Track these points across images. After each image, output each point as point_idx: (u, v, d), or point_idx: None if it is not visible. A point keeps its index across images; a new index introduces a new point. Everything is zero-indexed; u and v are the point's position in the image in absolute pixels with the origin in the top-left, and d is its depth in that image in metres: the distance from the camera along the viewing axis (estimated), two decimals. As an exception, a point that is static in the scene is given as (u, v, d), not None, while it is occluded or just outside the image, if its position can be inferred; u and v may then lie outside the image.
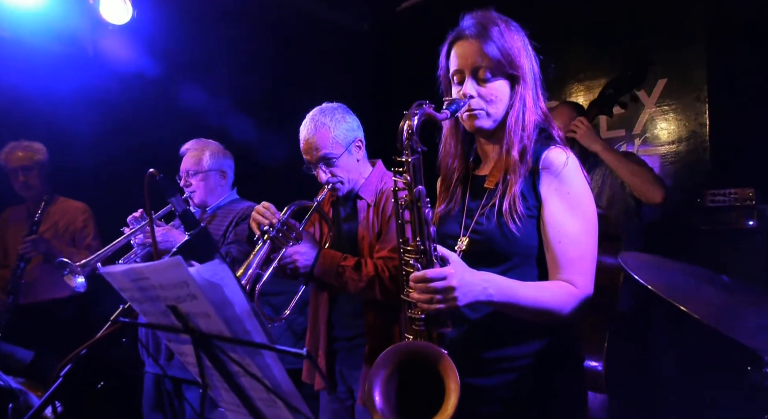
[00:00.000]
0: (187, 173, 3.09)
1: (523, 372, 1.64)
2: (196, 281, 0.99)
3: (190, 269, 0.99)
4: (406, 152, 1.51)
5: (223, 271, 1.00)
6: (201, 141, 3.20)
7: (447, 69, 1.78)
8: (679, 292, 1.39)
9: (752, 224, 3.11)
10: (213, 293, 1.01)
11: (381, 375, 1.47)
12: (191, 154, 3.13)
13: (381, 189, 2.42)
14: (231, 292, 1.01)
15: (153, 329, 1.20)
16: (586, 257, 1.63)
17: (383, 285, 2.20)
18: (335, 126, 2.34)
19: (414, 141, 1.50)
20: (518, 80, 1.68)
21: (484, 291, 1.48)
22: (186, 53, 4.13)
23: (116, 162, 3.89)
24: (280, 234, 2.14)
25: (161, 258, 2.80)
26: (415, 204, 1.51)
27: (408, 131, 1.51)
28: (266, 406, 1.15)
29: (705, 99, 3.68)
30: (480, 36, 1.67)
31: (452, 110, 1.63)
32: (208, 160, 3.10)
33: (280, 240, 2.15)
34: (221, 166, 3.15)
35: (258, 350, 1.05)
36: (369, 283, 2.20)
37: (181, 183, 3.12)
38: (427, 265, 1.50)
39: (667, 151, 3.83)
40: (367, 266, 2.24)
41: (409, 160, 1.51)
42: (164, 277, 1.04)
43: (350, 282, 2.22)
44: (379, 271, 2.22)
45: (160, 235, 2.81)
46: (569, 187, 1.63)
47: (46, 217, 3.72)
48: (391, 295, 2.19)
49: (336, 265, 2.24)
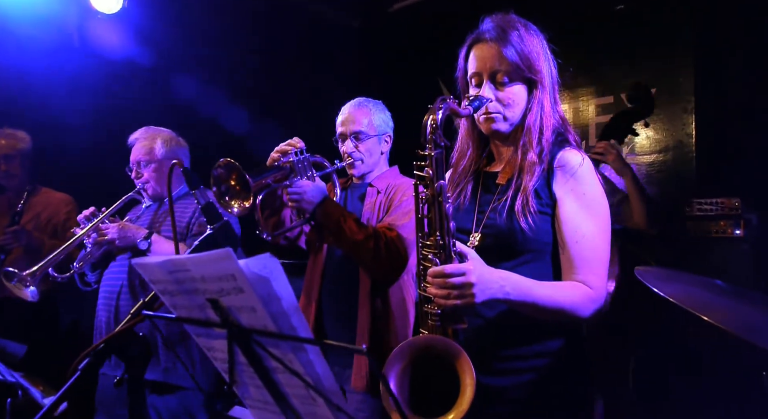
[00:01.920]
0: (138, 164, 2.95)
1: (534, 373, 1.66)
2: (245, 274, 0.97)
3: (240, 262, 0.96)
4: (429, 146, 1.51)
5: (272, 265, 0.98)
6: (151, 128, 3.05)
7: (465, 71, 1.79)
8: (698, 303, 1.42)
9: (739, 233, 3.19)
10: (261, 287, 0.98)
11: (396, 368, 1.47)
12: (141, 143, 2.98)
13: (392, 183, 2.52)
14: (279, 287, 0.99)
15: (183, 322, 1.16)
16: (601, 258, 1.65)
17: (378, 245, 2.25)
18: (376, 112, 2.57)
19: (438, 135, 1.51)
20: (536, 84, 1.70)
21: (501, 289, 1.49)
22: (175, 45, 4.07)
23: (103, 152, 3.80)
24: (300, 164, 2.21)
25: (116, 257, 2.75)
26: (436, 198, 1.51)
27: (432, 125, 1.51)
28: (302, 403, 1.13)
29: (692, 110, 3.77)
30: (499, 39, 1.68)
31: (475, 106, 1.64)
32: (160, 149, 2.96)
33: (299, 168, 2.22)
34: (176, 155, 3.00)
35: (302, 346, 1.03)
36: (365, 238, 2.25)
37: (131, 175, 2.98)
38: (446, 261, 1.50)
39: (654, 159, 3.91)
40: (368, 227, 2.31)
41: (432, 154, 1.51)
42: (209, 270, 1.02)
43: (348, 232, 2.26)
44: (378, 233, 2.28)
45: (116, 232, 2.71)
46: (585, 188, 1.65)
47: (28, 208, 3.61)
48: (381, 260, 2.26)
49: (339, 213, 2.30)
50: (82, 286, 2.89)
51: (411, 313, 2.48)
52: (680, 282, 1.65)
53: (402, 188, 2.47)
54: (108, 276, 2.86)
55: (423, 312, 1.57)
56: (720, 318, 1.36)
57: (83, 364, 1.28)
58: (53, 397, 1.47)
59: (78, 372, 1.26)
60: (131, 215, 3.06)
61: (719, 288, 1.68)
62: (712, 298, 1.55)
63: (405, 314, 2.43)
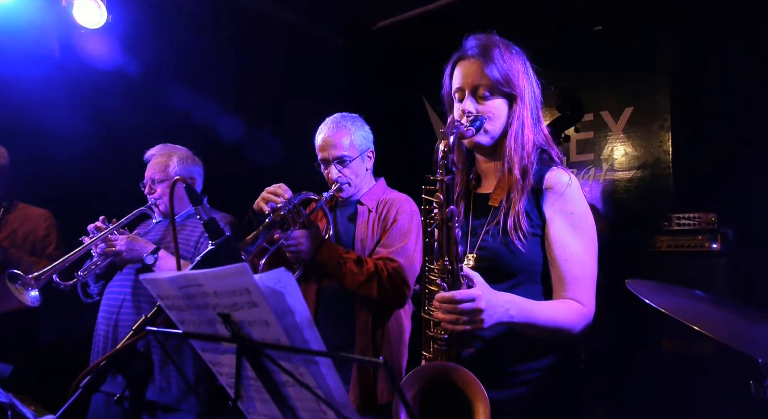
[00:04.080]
0: (152, 180, 2.95)
1: (531, 386, 1.69)
2: (260, 288, 0.97)
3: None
4: (440, 171, 1.52)
5: (286, 279, 0.99)
6: (167, 146, 3.06)
7: (451, 88, 1.83)
8: (690, 314, 1.46)
9: (716, 247, 3.28)
10: (275, 301, 0.99)
11: (407, 396, 1.45)
12: (157, 160, 2.99)
13: (382, 199, 2.51)
14: (293, 300, 1.00)
15: (190, 338, 1.16)
16: (590, 276, 1.69)
17: (381, 282, 2.26)
18: (355, 131, 2.49)
19: (450, 160, 1.52)
20: (516, 99, 1.74)
21: (506, 313, 1.52)
22: (159, 59, 4.04)
23: (84, 167, 3.75)
24: (290, 214, 2.19)
25: (122, 269, 2.73)
26: (446, 223, 1.52)
27: (444, 150, 1.52)
28: (311, 417, 1.14)
29: (668, 127, 3.89)
30: (481, 56, 1.73)
31: (477, 126, 1.67)
32: (175, 167, 2.96)
33: (290, 220, 2.19)
34: (190, 173, 3.02)
35: (314, 359, 1.04)
36: (368, 278, 2.26)
37: (145, 190, 2.98)
38: (453, 285, 1.52)
39: (633, 175, 4.01)
40: (367, 263, 2.30)
41: (444, 180, 1.52)
42: (222, 284, 1.02)
43: (349, 275, 2.26)
44: (379, 269, 2.28)
45: (124, 244, 2.69)
46: (573, 207, 1.70)
47: (4, 224, 3.51)
48: (386, 294, 2.28)
49: (338, 256, 2.29)
50: (84, 298, 2.84)
51: (406, 327, 2.49)
52: (669, 294, 1.69)
53: (394, 204, 2.47)
54: (110, 290, 2.83)
55: (428, 336, 1.58)
56: (711, 328, 1.40)
57: (84, 382, 1.26)
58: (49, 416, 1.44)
59: (80, 390, 1.24)
60: (140, 229, 3.03)
61: (706, 299, 1.73)
62: (702, 309, 1.60)
63: (400, 327, 2.44)
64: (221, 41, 4.18)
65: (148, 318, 1.35)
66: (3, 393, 1.51)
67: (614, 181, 4.04)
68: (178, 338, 2.53)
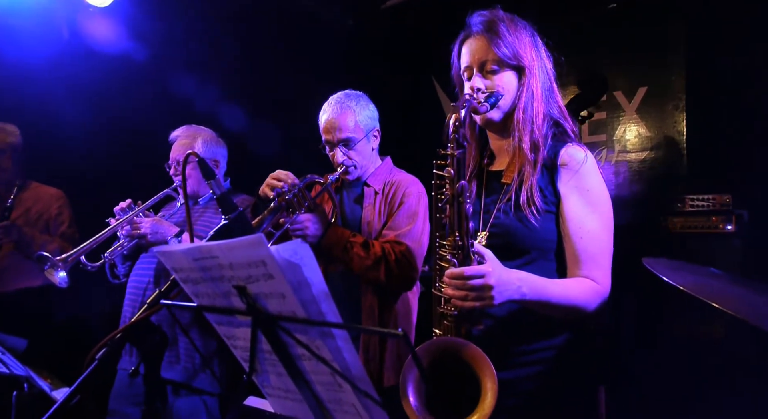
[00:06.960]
0: (177, 162, 2.93)
1: (543, 365, 1.67)
2: (277, 260, 0.97)
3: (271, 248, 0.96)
4: (452, 145, 1.50)
5: (303, 251, 0.98)
6: (192, 127, 3.04)
7: (460, 68, 1.81)
8: (707, 291, 1.44)
9: (730, 229, 3.25)
10: (292, 273, 0.98)
11: (414, 372, 1.44)
12: (182, 141, 2.97)
13: (389, 180, 2.47)
14: (310, 273, 0.99)
15: (205, 311, 1.16)
16: (605, 253, 1.67)
17: (389, 266, 2.24)
18: (360, 111, 2.41)
19: (461, 134, 1.50)
20: (525, 71, 1.71)
21: (518, 291, 1.50)
22: (167, 40, 4.02)
23: (95, 147, 3.75)
24: (296, 198, 2.16)
25: (147, 250, 2.75)
26: (457, 199, 1.50)
27: (455, 124, 1.50)
28: (326, 390, 1.14)
29: (683, 107, 3.83)
30: (486, 31, 1.71)
31: (491, 102, 1.65)
32: (200, 148, 2.95)
33: (295, 204, 2.16)
34: (214, 155, 3.01)
35: (330, 332, 1.03)
36: (375, 262, 2.23)
37: (170, 172, 2.97)
38: (464, 261, 1.50)
39: (646, 156, 3.96)
40: (374, 246, 2.27)
41: (455, 154, 1.50)
42: (238, 256, 1.01)
43: (356, 258, 2.25)
44: (386, 253, 2.25)
45: (149, 227, 2.70)
46: (588, 184, 1.67)
47: (18, 203, 3.53)
48: (394, 278, 2.26)
49: (345, 240, 2.27)
50: (111, 278, 2.86)
51: (414, 308, 2.48)
52: (686, 272, 1.67)
53: (401, 185, 2.42)
54: (136, 272, 2.84)
55: (438, 312, 1.57)
56: (730, 306, 1.38)
57: (101, 354, 1.26)
58: (65, 389, 1.45)
59: (96, 362, 1.25)
60: (165, 212, 3.02)
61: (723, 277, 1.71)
62: (720, 287, 1.58)
63: (407, 309, 2.44)
64: (228, 22, 4.15)
65: (161, 291, 1.35)
66: (20, 366, 1.52)
67: (627, 162, 4.00)
68: (191, 314, 2.56)
